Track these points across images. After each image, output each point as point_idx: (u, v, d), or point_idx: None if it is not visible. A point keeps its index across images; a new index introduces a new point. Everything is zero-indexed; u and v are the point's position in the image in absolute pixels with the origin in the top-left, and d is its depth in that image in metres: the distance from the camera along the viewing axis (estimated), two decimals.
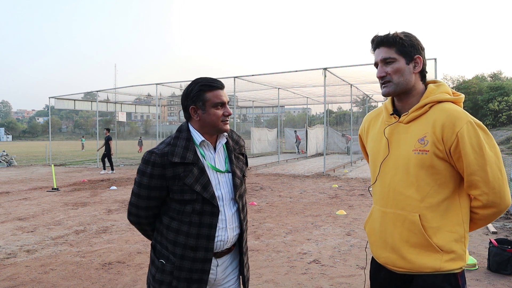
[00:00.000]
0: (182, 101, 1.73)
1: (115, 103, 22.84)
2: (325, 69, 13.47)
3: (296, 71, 14.30)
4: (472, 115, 1.52)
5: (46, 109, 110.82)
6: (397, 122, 1.64)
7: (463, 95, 1.64)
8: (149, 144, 33.79)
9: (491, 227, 5.74)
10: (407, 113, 1.61)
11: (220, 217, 1.70)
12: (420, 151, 1.53)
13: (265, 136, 25.52)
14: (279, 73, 14.82)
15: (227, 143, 1.81)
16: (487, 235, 5.47)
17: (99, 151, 15.34)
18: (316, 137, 23.54)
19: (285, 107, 30.26)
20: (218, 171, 1.73)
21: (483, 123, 1.61)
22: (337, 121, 30.08)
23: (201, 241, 1.66)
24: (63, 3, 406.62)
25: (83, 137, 44.14)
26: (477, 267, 4.20)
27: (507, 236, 5.36)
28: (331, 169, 14.76)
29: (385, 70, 1.60)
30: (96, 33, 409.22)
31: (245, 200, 1.87)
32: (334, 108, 32.78)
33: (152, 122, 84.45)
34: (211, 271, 1.73)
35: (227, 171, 1.76)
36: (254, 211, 7.33)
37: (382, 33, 1.63)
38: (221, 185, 1.73)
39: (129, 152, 29.34)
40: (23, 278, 4.07)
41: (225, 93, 1.72)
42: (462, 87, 37.50)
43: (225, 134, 1.78)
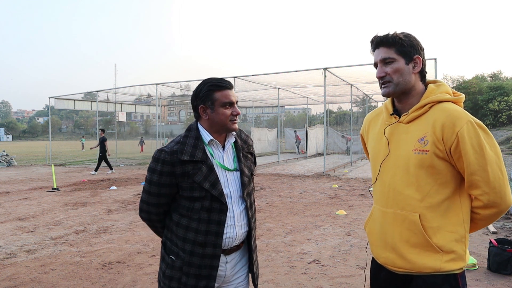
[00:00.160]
0: (192, 100, 1.77)
1: (115, 103, 22.86)
2: (325, 69, 13.47)
3: (296, 71, 14.30)
4: (472, 115, 1.52)
5: (46, 109, 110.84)
6: (397, 122, 1.64)
7: (463, 95, 1.64)
8: (150, 144, 33.80)
9: (491, 227, 5.74)
10: (407, 113, 1.61)
11: (228, 214, 1.73)
12: (420, 151, 1.53)
13: (265, 136, 25.51)
14: (279, 73, 14.82)
15: (235, 142, 1.84)
16: (487, 235, 5.47)
17: (93, 150, 15.42)
18: (316, 137, 23.54)
19: (285, 107, 30.24)
20: (226, 169, 1.76)
21: (483, 123, 1.60)
22: (337, 121, 30.05)
23: (209, 238, 1.69)
24: (63, 3, 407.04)
25: (83, 137, 44.13)
26: (477, 267, 4.20)
27: (507, 236, 5.36)
28: (331, 169, 14.76)
29: (385, 70, 1.60)
30: (96, 33, 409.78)
31: (254, 198, 1.91)
32: (334, 108, 32.76)
33: (152, 122, 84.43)
34: (220, 268, 1.76)
35: (236, 170, 1.80)
36: None
37: (381, 33, 1.63)
38: (230, 183, 1.76)
39: (129, 152, 29.37)
40: (23, 278, 4.07)
41: (234, 93, 1.76)
42: (462, 87, 37.49)
43: (234, 133, 1.81)
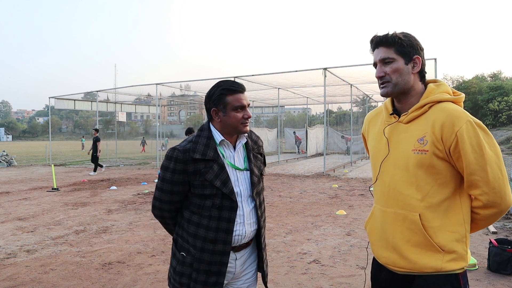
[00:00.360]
0: (205, 102, 1.83)
1: (115, 103, 22.86)
2: (325, 69, 13.47)
3: (296, 71, 14.30)
4: (472, 115, 1.51)
5: (46, 109, 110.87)
6: (397, 121, 1.64)
7: (463, 95, 1.63)
8: (150, 143, 33.81)
9: (491, 227, 5.74)
10: (406, 113, 1.61)
11: (238, 212, 1.77)
12: (419, 151, 1.53)
13: (265, 136, 25.50)
14: (279, 73, 14.82)
15: (246, 143, 1.89)
16: (487, 235, 5.47)
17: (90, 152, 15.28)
18: (316, 137, 23.54)
19: (285, 107, 30.24)
20: (237, 168, 1.81)
21: (483, 123, 1.60)
22: (337, 121, 30.00)
23: (220, 234, 1.74)
24: (63, 3, 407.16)
25: (83, 137, 44.06)
26: (477, 267, 4.20)
27: (507, 236, 5.36)
28: (331, 169, 14.76)
29: (384, 70, 1.60)
30: (96, 33, 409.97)
31: (263, 197, 1.94)
32: (334, 108, 32.72)
33: (152, 122, 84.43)
34: (230, 265, 1.80)
35: (246, 169, 1.84)
36: None
37: (381, 33, 1.63)
38: (240, 182, 1.80)
39: (129, 152, 29.37)
40: (23, 278, 4.07)
41: (246, 97, 1.80)
42: (462, 87, 37.47)
43: (245, 134, 1.86)
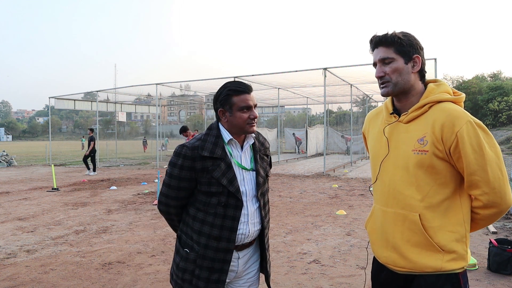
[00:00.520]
0: (213, 103, 1.87)
1: (115, 103, 22.85)
2: (325, 69, 13.47)
3: (296, 71, 14.29)
4: (472, 115, 1.51)
5: (46, 109, 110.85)
6: (397, 121, 1.64)
7: (463, 95, 1.63)
8: (150, 143, 33.84)
9: (491, 227, 5.74)
10: (406, 112, 1.60)
11: (243, 211, 1.79)
12: (419, 151, 1.53)
13: (265, 136, 25.27)
14: (279, 73, 14.81)
15: (253, 144, 1.91)
16: (487, 235, 5.47)
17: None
18: (316, 137, 23.54)
19: (285, 107, 30.22)
20: (243, 168, 1.83)
21: (483, 123, 1.60)
22: (337, 121, 29.98)
23: (224, 232, 1.76)
24: (63, 3, 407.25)
25: (83, 137, 43.99)
26: (477, 267, 4.20)
27: (507, 236, 5.36)
28: (331, 169, 14.76)
29: (384, 70, 1.60)
30: (96, 33, 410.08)
31: (268, 199, 1.95)
32: (334, 108, 32.67)
33: (152, 122, 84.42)
34: (233, 264, 1.83)
35: (252, 169, 1.86)
36: None
37: (380, 33, 1.62)
38: (246, 182, 1.82)
39: (129, 152, 29.37)
40: (23, 278, 4.07)
41: (253, 97, 1.81)
42: (462, 87, 37.48)
43: (253, 135, 1.89)
